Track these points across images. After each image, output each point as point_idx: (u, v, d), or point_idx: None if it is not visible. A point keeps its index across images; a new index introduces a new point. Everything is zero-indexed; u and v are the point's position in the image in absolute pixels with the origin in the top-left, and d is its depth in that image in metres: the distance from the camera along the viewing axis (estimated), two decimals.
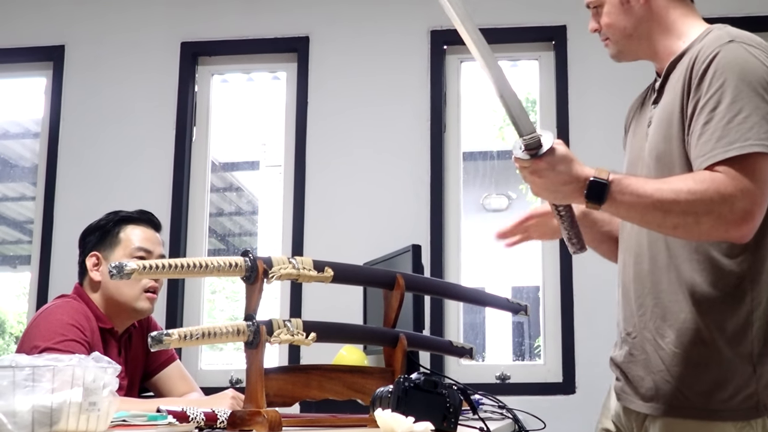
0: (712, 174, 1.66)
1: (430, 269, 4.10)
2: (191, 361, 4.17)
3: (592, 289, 4.03)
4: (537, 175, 1.68)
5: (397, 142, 4.34)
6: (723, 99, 1.69)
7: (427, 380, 1.60)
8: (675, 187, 1.66)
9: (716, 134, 1.68)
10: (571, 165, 1.68)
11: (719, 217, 1.64)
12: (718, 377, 1.74)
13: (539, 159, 1.67)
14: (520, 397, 3.57)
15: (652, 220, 1.70)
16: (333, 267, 1.95)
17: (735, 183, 1.64)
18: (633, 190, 1.67)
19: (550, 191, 1.71)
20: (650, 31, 1.91)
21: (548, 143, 1.67)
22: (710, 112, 1.70)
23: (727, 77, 1.70)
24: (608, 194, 1.67)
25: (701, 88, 1.73)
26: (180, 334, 1.68)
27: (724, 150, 1.66)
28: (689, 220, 1.66)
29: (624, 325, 1.92)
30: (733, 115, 1.67)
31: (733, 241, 1.71)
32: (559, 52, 4.31)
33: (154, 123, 4.47)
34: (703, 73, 1.73)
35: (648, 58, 1.97)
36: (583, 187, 1.67)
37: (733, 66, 1.71)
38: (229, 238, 7.50)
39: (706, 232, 1.68)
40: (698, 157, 1.70)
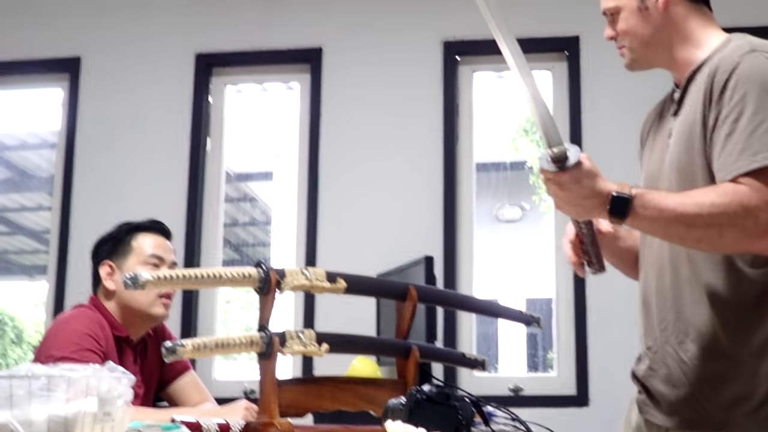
0: (735, 186, 1.65)
1: (443, 280, 4.10)
2: (205, 371, 4.17)
3: (605, 302, 4.01)
4: (561, 188, 1.67)
5: (409, 152, 4.34)
6: (745, 110, 1.68)
7: (440, 392, 1.60)
8: (698, 201, 1.65)
9: (739, 146, 1.66)
10: (595, 180, 1.66)
11: (743, 230, 1.63)
12: (740, 391, 1.73)
13: (564, 172, 1.65)
14: (533, 409, 3.56)
15: (675, 234, 1.69)
16: (345, 278, 1.96)
17: (759, 195, 1.63)
18: (655, 204, 1.66)
19: (573, 205, 1.70)
20: (669, 40, 1.89)
21: (575, 157, 1.65)
22: (732, 124, 1.69)
23: (748, 88, 1.69)
24: (631, 209, 1.66)
25: (723, 99, 1.71)
26: (194, 344, 1.69)
27: (747, 162, 1.65)
28: (713, 233, 1.65)
29: (645, 338, 1.91)
30: (756, 125, 1.66)
31: (758, 253, 1.70)
32: (572, 63, 4.31)
33: (168, 133, 4.49)
34: (725, 83, 1.72)
35: (665, 67, 1.94)
36: (606, 202, 1.66)
37: (754, 76, 1.70)
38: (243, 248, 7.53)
39: (730, 244, 1.67)
40: (721, 169, 1.69)
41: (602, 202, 1.67)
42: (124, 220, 2.71)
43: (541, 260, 4.34)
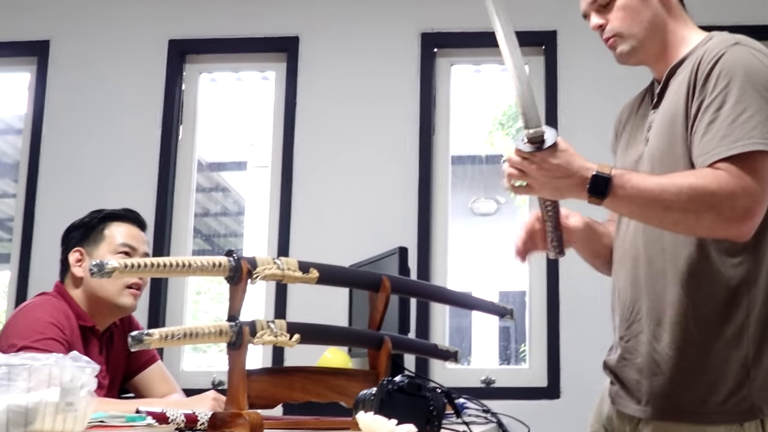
0: (714, 171, 1.66)
1: (416, 272, 4.09)
2: (173, 363, 4.14)
3: (578, 295, 4.02)
4: (539, 168, 1.67)
5: (385, 144, 4.32)
6: (728, 99, 1.70)
7: (411, 383, 1.58)
8: (676, 183, 1.66)
9: (720, 133, 1.68)
10: (572, 159, 1.68)
11: (720, 214, 1.65)
12: (713, 381, 1.74)
13: (542, 152, 1.66)
14: (505, 401, 3.56)
15: (653, 216, 1.70)
16: (318, 268, 1.93)
17: (737, 181, 1.64)
18: (634, 185, 1.67)
19: (552, 185, 1.70)
20: (663, 29, 1.89)
21: (552, 138, 1.67)
22: (715, 112, 1.70)
23: (732, 78, 1.71)
24: (610, 189, 1.66)
25: (706, 88, 1.73)
26: (161, 334, 1.66)
27: (727, 148, 1.66)
28: (690, 216, 1.66)
29: (618, 328, 1.92)
30: (737, 114, 1.68)
31: (732, 239, 1.71)
32: (549, 57, 4.30)
33: (140, 121, 4.43)
34: (709, 73, 1.73)
35: (652, 62, 1.93)
36: (585, 181, 1.67)
37: (738, 67, 1.72)
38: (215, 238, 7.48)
39: (706, 228, 1.68)
40: (701, 154, 1.70)
41: (582, 181, 1.67)
42: (96, 208, 2.67)
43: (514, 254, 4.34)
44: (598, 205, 1.70)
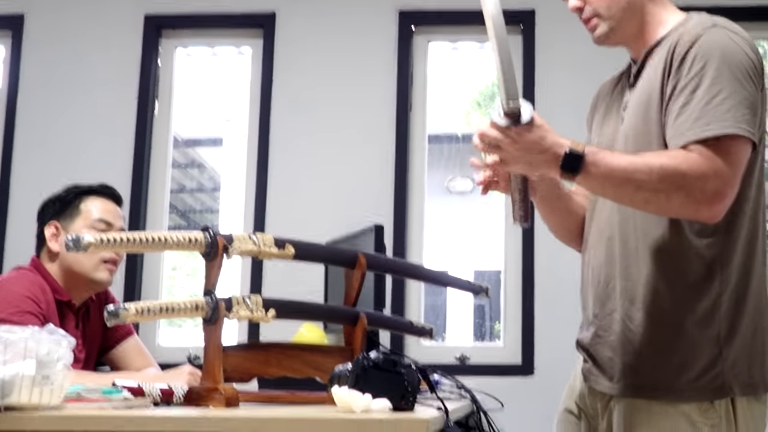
0: (686, 153, 1.67)
1: (392, 250, 4.10)
2: (149, 337, 4.14)
3: (553, 274, 4.05)
4: (513, 143, 1.68)
5: (362, 121, 4.32)
6: (703, 81, 1.70)
7: (386, 359, 1.60)
8: (648, 162, 1.67)
9: (693, 115, 1.69)
10: (546, 135, 1.68)
11: (690, 195, 1.66)
12: (684, 359, 1.75)
13: (517, 127, 1.66)
14: (479, 378, 3.58)
15: (624, 194, 1.71)
16: (294, 244, 1.94)
17: (709, 163, 1.65)
18: (607, 163, 1.68)
19: (524, 160, 1.70)
20: (642, 11, 1.88)
21: (528, 113, 1.67)
22: (690, 94, 1.71)
23: (708, 60, 1.71)
24: (583, 166, 1.67)
25: (682, 70, 1.73)
26: (137, 308, 1.66)
27: (700, 130, 1.67)
28: (661, 195, 1.67)
29: (592, 306, 1.92)
30: (711, 97, 1.68)
31: (703, 221, 1.72)
32: (527, 37, 4.31)
33: (115, 96, 4.41)
34: (685, 54, 1.74)
35: (629, 43, 1.93)
36: (558, 158, 1.67)
37: (714, 50, 1.72)
38: (190, 214, 7.46)
39: (676, 208, 1.69)
40: (674, 136, 1.71)
41: (555, 157, 1.68)
42: (71, 183, 2.66)
43: (491, 232, 4.37)
44: (570, 182, 1.72)
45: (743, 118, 1.68)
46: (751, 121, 1.69)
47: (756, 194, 1.80)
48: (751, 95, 1.71)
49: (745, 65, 1.72)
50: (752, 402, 1.77)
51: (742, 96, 1.69)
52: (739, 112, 1.68)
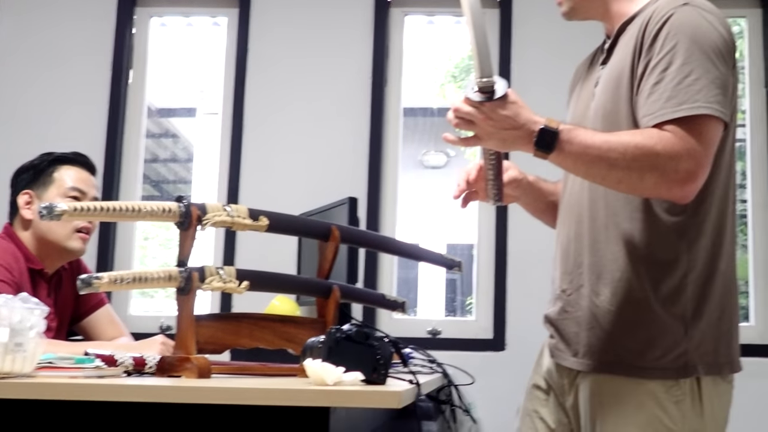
0: (660, 132, 1.67)
1: (366, 223, 4.11)
2: (121, 307, 4.13)
3: (526, 249, 4.07)
4: (487, 118, 1.68)
5: (337, 94, 4.31)
6: (674, 60, 1.70)
7: (359, 332, 1.61)
8: (623, 141, 1.67)
9: (666, 94, 1.69)
10: (521, 111, 1.68)
11: (663, 175, 1.66)
12: (650, 336, 1.76)
13: (491, 102, 1.66)
14: (451, 352, 3.61)
15: (597, 173, 1.71)
16: (268, 216, 1.94)
17: (682, 143, 1.65)
18: (581, 141, 1.68)
19: (498, 136, 1.70)
20: None
21: (502, 89, 1.67)
22: (661, 73, 1.71)
23: (679, 39, 1.71)
24: (557, 143, 1.67)
25: (653, 49, 1.73)
26: (110, 277, 1.66)
27: (673, 110, 1.67)
28: (633, 175, 1.67)
29: (560, 282, 1.93)
30: (683, 76, 1.68)
31: (674, 201, 1.73)
32: (504, 12, 4.30)
33: (89, 65, 4.36)
34: (656, 33, 1.74)
35: (599, 18, 1.96)
36: (533, 134, 1.68)
37: (686, 29, 1.72)
38: (164, 184, 7.41)
39: (649, 188, 1.69)
40: (646, 115, 1.71)
41: (528, 134, 1.68)
42: (44, 152, 2.64)
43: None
44: (544, 159, 1.71)
45: (715, 98, 1.68)
46: (723, 101, 1.69)
47: (726, 175, 1.80)
48: (723, 75, 1.71)
49: (717, 44, 1.72)
50: (718, 381, 1.78)
51: (714, 75, 1.69)
52: (711, 92, 1.68)
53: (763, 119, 4.21)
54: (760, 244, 4.17)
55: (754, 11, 4.32)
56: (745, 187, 4.25)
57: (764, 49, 4.25)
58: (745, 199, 4.24)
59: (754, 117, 4.23)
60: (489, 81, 1.66)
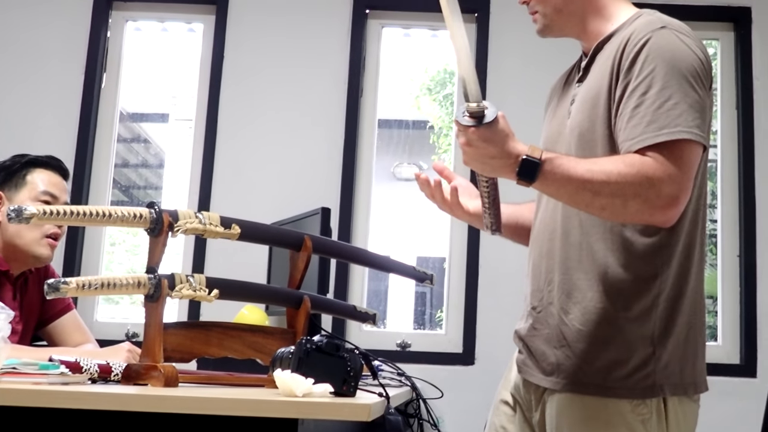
0: (641, 158, 1.67)
1: (338, 233, 4.09)
2: (87, 313, 4.08)
3: (497, 263, 4.07)
4: (471, 144, 1.68)
5: (312, 104, 4.29)
6: (653, 84, 1.71)
7: (329, 343, 1.60)
8: (606, 169, 1.67)
9: (646, 118, 1.69)
10: (506, 141, 1.68)
11: (646, 201, 1.66)
12: (618, 355, 1.76)
13: (478, 128, 1.66)
14: (420, 365, 3.61)
15: (581, 201, 1.71)
16: (240, 224, 1.92)
17: (663, 168, 1.65)
18: (565, 170, 1.68)
19: (480, 162, 1.71)
20: (582, 9, 1.92)
21: (492, 115, 1.66)
22: (640, 96, 1.71)
23: (658, 63, 1.72)
24: (540, 173, 1.67)
25: (632, 72, 1.74)
26: (78, 283, 1.63)
27: (653, 135, 1.67)
28: (617, 202, 1.67)
29: (531, 298, 1.93)
30: (663, 101, 1.69)
31: (657, 225, 1.73)
32: (482, 26, 4.32)
33: (63, 67, 4.32)
34: (635, 56, 1.74)
35: (575, 37, 1.97)
36: (515, 164, 1.67)
37: (664, 52, 1.73)
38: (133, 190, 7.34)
39: (632, 214, 1.69)
40: (627, 139, 1.71)
41: (511, 163, 1.68)
42: (15, 153, 2.61)
43: (436, 220, 4.38)
44: (527, 187, 1.71)
45: (694, 123, 1.69)
46: (702, 125, 1.70)
47: (698, 195, 1.81)
48: (701, 98, 1.72)
49: (695, 67, 1.73)
50: (684, 400, 1.79)
51: (692, 99, 1.70)
52: (691, 116, 1.69)
53: (734, 140, 4.26)
54: (728, 264, 4.20)
55: (726, 34, 4.37)
56: (715, 207, 4.29)
57: (736, 72, 4.31)
58: (715, 218, 4.27)
59: (725, 138, 4.28)
60: (479, 106, 1.66)
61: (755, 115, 4.23)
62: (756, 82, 4.25)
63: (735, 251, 4.19)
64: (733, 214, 4.22)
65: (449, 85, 4.83)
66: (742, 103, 4.25)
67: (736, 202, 4.23)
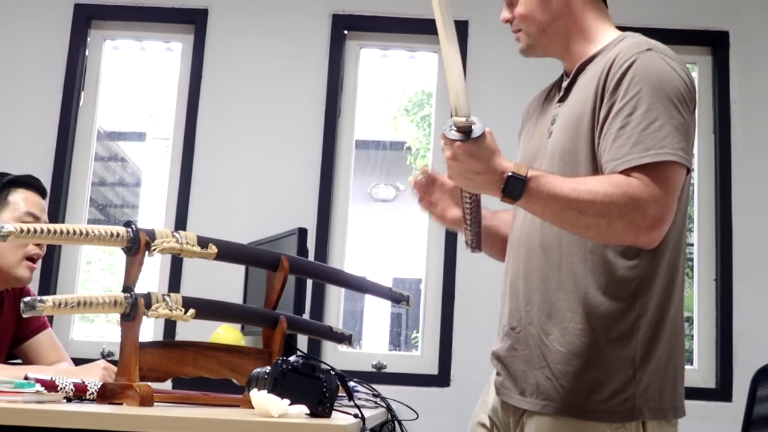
0: (627, 179, 1.67)
1: (314, 254, 4.09)
2: (62, 331, 4.06)
3: (474, 284, 4.08)
4: (456, 159, 1.67)
5: (290, 124, 4.30)
6: (639, 106, 1.71)
7: (305, 364, 1.60)
8: (592, 189, 1.67)
9: (632, 139, 1.69)
10: (491, 157, 1.67)
11: (631, 222, 1.66)
12: (597, 378, 1.75)
13: (464, 143, 1.66)
14: (396, 386, 3.61)
15: (566, 220, 1.70)
16: (217, 244, 1.92)
17: (648, 189, 1.66)
18: (550, 188, 1.67)
19: (465, 177, 1.70)
20: (566, 30, 1.92)
21: (479, 131, 1.66)
22: (626, 117, 1.71)
23: (644, 85, 1.72)
24: (525, 190, 1.67)
25: (618, 93, 1.74)
26: (54, 301, 1.63)
27: (639, 156, 1.68)
28: (603, 222, 1.67)
29: (509, 318, 1.91)
30: (649, 122, 1.70)
31: (641, 247, 1.73)
32: (460, 47, 4.32)
33: (40, 85, 4.31)
34: (621, 77, 1.75)
35: (557, 56, 1.97)
36: (500, 180, 1.67)
37: (650, 74, 1.73)
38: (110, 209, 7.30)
39: (617, 235, 1.69)
40: (612, 160, 1.71)
41: (496, 180, 1.67)
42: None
43: (413, 241, 4.40)
44: (511, 205, 1.71)
45: (679, 145, 1.69)
46: (686, 148, 1.71)
47: (681, 219, 1.82)
48: (686, 121, 1.72)
49: (681, 90, 1.74)
50: (663, 425, 1.78)
51: (678, 122, 1.71)
52: (676, 138, 1.69)
53: (711, 164, 4.29)
54: (705, 288, 4.22)
55: (704, 58, 4.42)
56: (692, 230, 4.31)
57: (713, 95, 4.35)
58: (692, 242, 4.30)
59: (702, 162, 4.31)
60: (467, 121, 1.65)
61: (732, 139, 4.27)
62: (733, 106, 4.29)
63: (711, 275, 4.21)
64: (710, 237, 4.24)
65: (427, 106, 4.85)
66: (720, 127, 4.28)
67: (713, 225, 4.25)
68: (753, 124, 4.29)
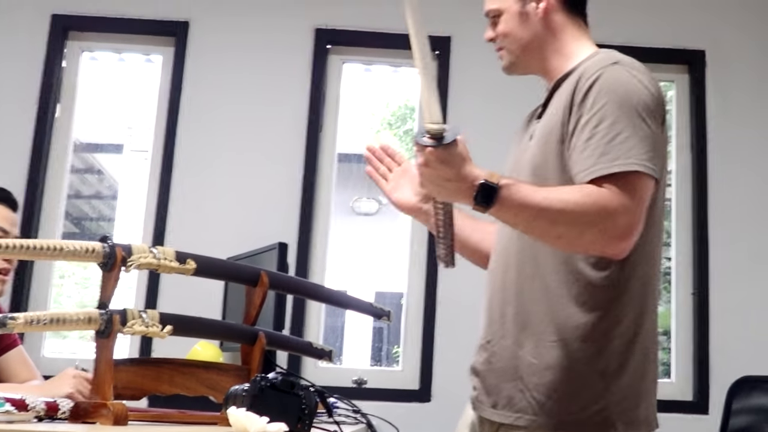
0: (598, 189, 1.68)
1: (295, 268, 4.05)
2: (34, 347, 3.99)
3: (455, 299, 4.06)
4: (427, 165, 1.66)
5: (272, 137, 4.27)
6: (605, 118, 1.72)
7: (285, 380, 1.56)
8: (563, 198, 1.67)
9: (598, 150, 1.70)
10: (463, 163, 1.66)
11: (602, 231, 1.66)
12: (571, 390, 1.75)
13: (436, 149, 1.64)
14: (376, 402, 3.57)
15: (537, 228, 1.70)
16: (196, 259, 1.88)
17: (618, 199, 1.66)
18: (522, 197, 1.67)
19: (436, 184, 1.68)
20: (543, 47, 1.96)
21: (451, 137, 1.64)
22: (592, 129, 1.72)
23: (609, 98, 1.74)
24: (497, 199, 1.65)
25: (584, 106, 1.76)
26: (26, 318, 1.58)
27: (607, 165, 1.68)
28: (573, 231, 1.67)
29: (485, 332, 1.92)
30: (615, 134, 1.70)
31: (610, 257, 1.73)
32: (442, 63, 4.33)
33: (15, 96, 4.26)
34: (587, 91, 1.76)
35: (539, 74, 2.00)
36: (472, 188, 1.65)
37: (615, 87, 1.75)
38: (85, 222, 7.25)
39: (587, 244, 1.69)
40: (581, 171, 1.72)
41: (468, 187, 1.66)
42: None
43: (395, 255, 4.37)
44: (483, 213, 1.69)
45: (646, 156, 1.70)
46: (653, 159, 1.72)
47: (654, 232, 1.82)
48: (653, 132, 1.74)
49: (647, 102, 1.75)
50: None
51: (644, 133, 1.72)
52: (642, 149, 1.70)
53: (688, 180, 4.33)
54: (682, 302, 4.24)
55: (681, 76, 4.46)
56: (669, 245, 4.34)
57: (690, 113, 4.39)
58: (670, 256, 4.32)
59: (680, 178, 4.35)
60: (440, 127, 1.64)
61: (709, 156, 4.32)
62: (709, 123, 4.34)
63: (689, 289, 4.23)
64: (687, 252, 4.27)
65: (409, 120, 4.84)
66: (697, 144, 4.33)
67: (690, 240, 4.28)
68: (728, 141, 4.34)
